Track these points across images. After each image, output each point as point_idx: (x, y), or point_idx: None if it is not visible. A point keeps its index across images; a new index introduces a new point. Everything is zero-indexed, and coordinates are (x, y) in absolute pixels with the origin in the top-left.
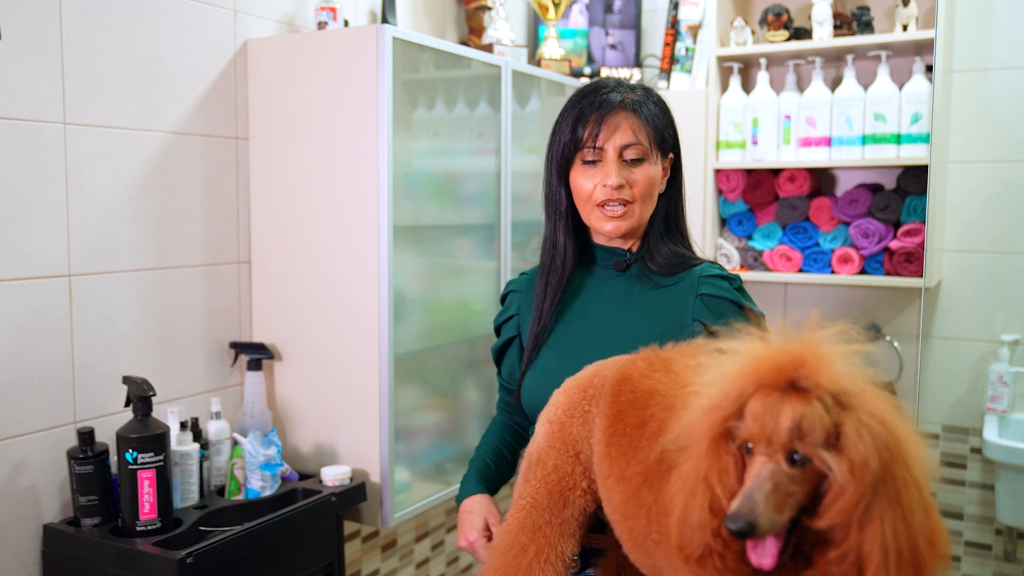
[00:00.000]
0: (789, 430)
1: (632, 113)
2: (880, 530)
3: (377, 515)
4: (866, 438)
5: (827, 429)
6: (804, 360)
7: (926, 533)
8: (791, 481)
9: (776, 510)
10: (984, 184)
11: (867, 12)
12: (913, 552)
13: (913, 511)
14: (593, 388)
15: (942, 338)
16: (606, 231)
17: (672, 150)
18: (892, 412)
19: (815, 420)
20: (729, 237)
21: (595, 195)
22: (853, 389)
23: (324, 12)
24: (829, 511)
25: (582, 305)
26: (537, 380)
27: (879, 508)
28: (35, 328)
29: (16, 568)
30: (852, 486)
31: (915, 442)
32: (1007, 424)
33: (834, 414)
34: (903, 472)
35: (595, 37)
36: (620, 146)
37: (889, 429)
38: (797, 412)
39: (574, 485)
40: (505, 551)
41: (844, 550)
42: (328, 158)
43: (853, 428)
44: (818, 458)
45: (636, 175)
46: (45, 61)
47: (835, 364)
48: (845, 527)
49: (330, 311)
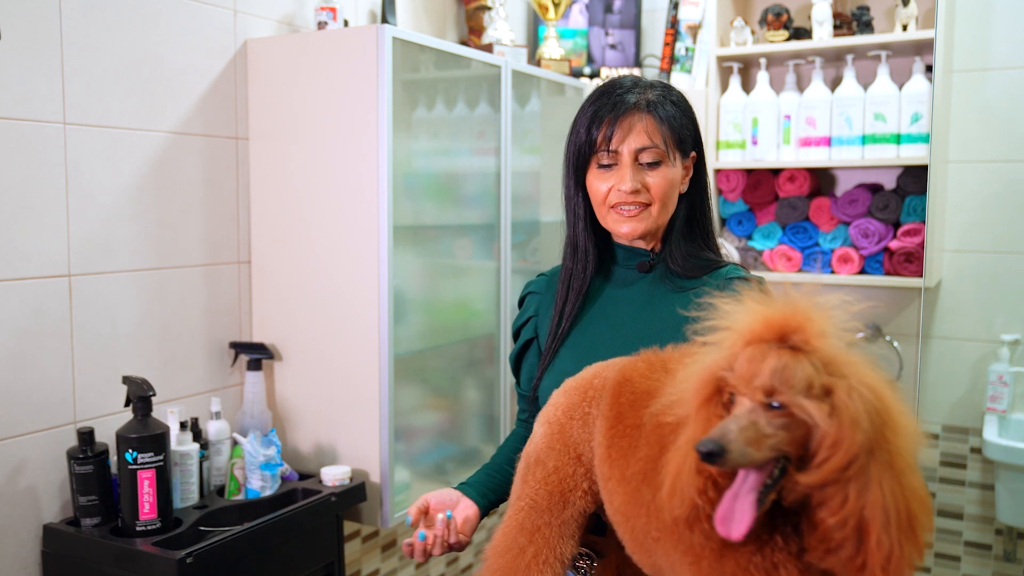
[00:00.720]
0: (770, 374)
1: (648, 114)
2: (880, 494)
3: (377, 515)
4: (857, 400)
5: (810, 382)
6: (799, 322)
7: (918, 494)
8: (768, 423)
9: (750, 444)
10: (984, 184)
11: (867, 12)
12: (909, 515)
13: (906, 475)
14: (593, 390)
15: (942, 338)
16: (622, 233)
17: (694, 148)
18: (881, 383)
19: (797, 370)
20: (729, 237)
21: (610, 198)
22: (844, 358)
23: (324, 12)
24: (820, 468)
25: (602, 307)
26: (555, 382)
27: (876, 472)
28: (35, 328)
29: (16, 568)
30: (844, 444)
31: (903, 413)
32: (1007, 424)
33: (823, 376)
34: (894, 439)
35: (595, 37)
36: (635, 149)
37: (879, 397)
38: (781, 361)
39: (575, 486)
40: (503, 552)
41: (844, 515)
42: (328, 158)
43: (844, 390)
44: (797, 406)
45: (653, 178)
46: (45, 61)
47: (829, 332)
48: (842, 492)
49: (330, 311)
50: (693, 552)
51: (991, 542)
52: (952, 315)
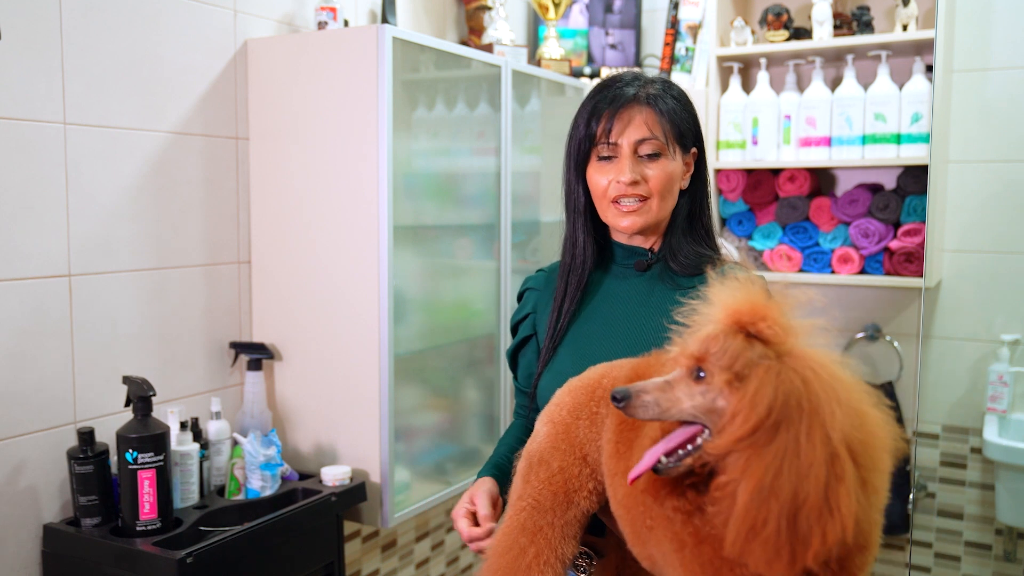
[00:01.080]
0: (699, 343)
1: (647, 107)
2: (762, 470)
3: (377, 515)
4: (770, 382)
5: (735, 358)
6: (758, 308)
7: (823, 499)
8: (687, 388)
9: (660, 401)
10: (984, 184)
11: (867, 12)
12: (795, 506)
13: (811, 470)
14: (602, 389)
15: (942, 338)
16: (622, 227)
17: (694, 145)
18: (827, 379)
19: (726, 346)
20: (729, 237)
21: (609, 191)
22: (795, 349)
23: (324, 12)
24: (719, 436)
25: (601, 305)
26: (553, 381)
27: (772, 451)
28: (35, 328)
29: (16, 568)
30: (740, 418)
31: (853, 418)
32: (1007, 424)
33: (753, 357)
34: (812, 429)
35: (595, 37)
36: (635, 141)
37: (809, 387)
38: (712, 333)
39: (580, 487)
40: (504, 552)
41: (727, 480)
42: (328, 158)
43: (763, 369)
44: (709, 374)
45: (652, 170)
46: (45, 61)
47: (790, 325)
48: (736, 461)
49: (330, 311)
50: (678, 540)
51: (991, 542)
52: (952, 315)
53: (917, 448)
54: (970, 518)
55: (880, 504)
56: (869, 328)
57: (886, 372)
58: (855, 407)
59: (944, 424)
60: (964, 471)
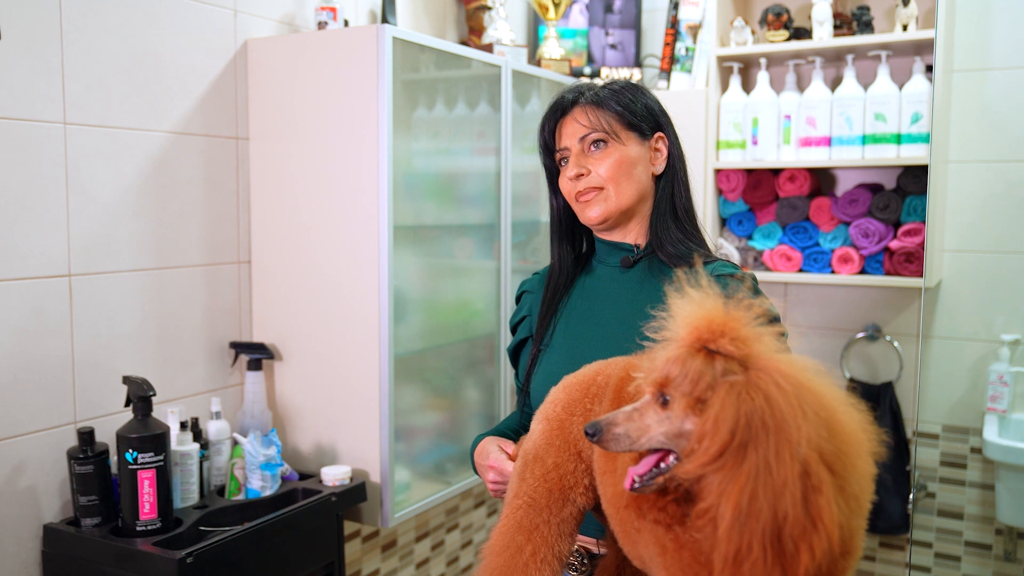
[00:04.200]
0: (661, 369)
1: (587, 105)
2: (738, 494)
3: (377, 515)
4: (732, 402)
5: (696, 381)
6: (717, 324)
7: (804, 514)
8: (654, 414)
9: (631, 432)
10: (984, 184)
11: (867, 12)
12: (776, 526)
13: (786, 488)
14: (596, 386)
15: (942, 338)
16: (589, 219)
17: (655, 129)
18: (791, 391)
19: (687, 369)
20: (729, 237)
21: (571, 192)
22: (760, 359)
23: (324, 12)
24: (688, 460)
25: (589, 304)
26: (543, 381)
27: (744, 473)
28: (35, 328)
29: (16, 568)
30: (706, 441)
31: (823, 427)
32: (1007, 424)
33: (714, 377)
34: (781, 447)
35: (595, 37)
36: (578, 139)
37: (772, 404)
38: (670, 359)
39: (575, 483)
40: (501, 551)
41: (707, 506)
42: (328, 158)
43: (725, 391)
44: (674, 399)
45: (596, 158)
46: (45, 61)
47: (750, 336)
48: (710, 485)
49: (330, 311)
50: (660, 544)
51: (991, 542)
52: (952, 315)
53: (917, 448)
54: (970, 518)
55: (861, 509)
56: (869, 328)
57: (886, 372)
58: (825, 415)
59: (944, 424)
60: (964, 471)
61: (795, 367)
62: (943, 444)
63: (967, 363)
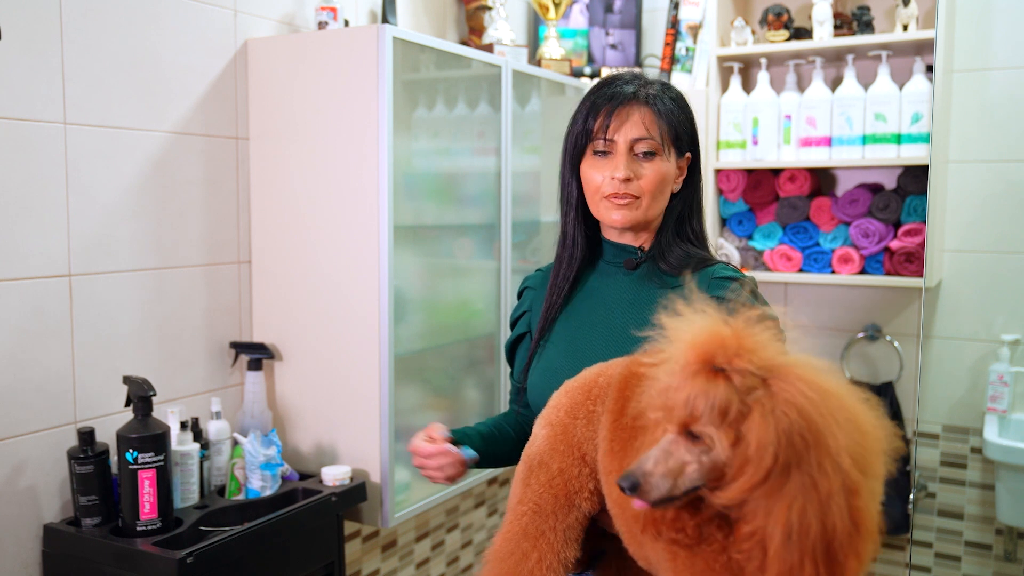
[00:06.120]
0: (683, 406)
1: (646, 106)
2: (786, 513)
3: (377, 515)
4: (771, 423)
5: (725, 408)
6: (723, 343)
7: (847, 516)
8: (688, 451)
9: (667, 475)
10: (984, 184)
11: (867, 12)
12: (826, 539)
13: (832, 499)
14: (598, 388)
15: (942, 338)
16: (613, 221)
17: (689, 149)
18: (819, 399)
19: (712, 401)
20: (729, 237)
21: (603, 187)
22: (783, 370)
23: (324, 12)
24: (728, 488)
25: (589, 302)
26: (542, 377)
27: (790, 492)
28: (35, 328)
29: (16, 568)
30: (750, 468)
31: (852, 429)
32: (1007, 424)
33: (740, 400)
34: (822, 460)
35: (595, 37)
36: (631, 139)
37: (807, 417)
38: (695, 390)
39: (580, 488)
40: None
41: (752, 529)
42: (328, 158)
43: (760, 413)
44: (707, 436)
45: (646, 169)
46: (45, 61)
47: (758, 345)
48: (755, 508)
49: (330, 311)
50: (670, 549)
51: (991, 542)
52: (952, 315)
53: (917, 448)
54: (970, 518)
55: (878, 495)
56: (869, 328)
57: (886, 372)
58: (850, 416)
59: (944, 424)
60: (964, 471)
61: (812, 370)
62: (943, 444)
63: (967, 363)
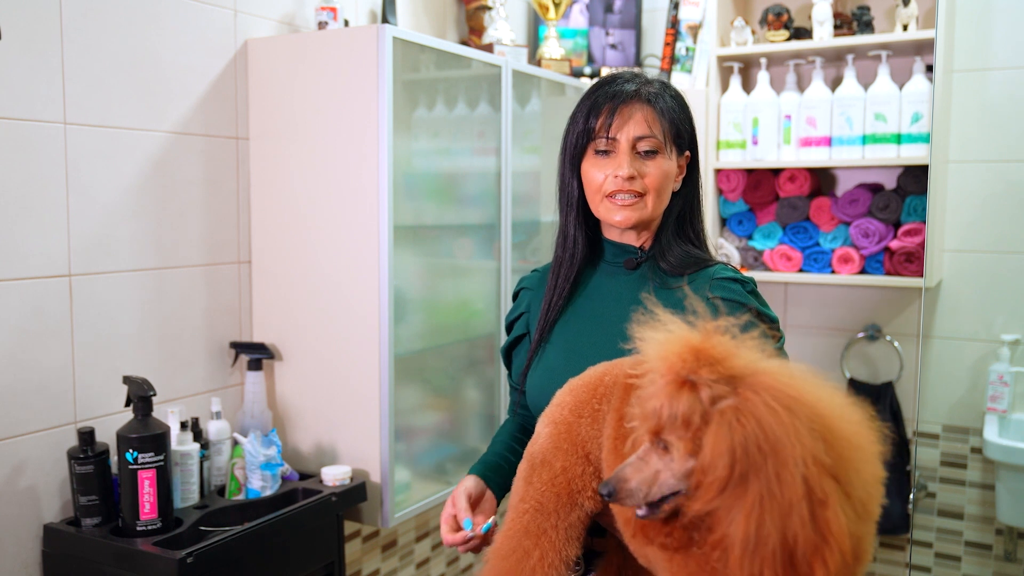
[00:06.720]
0: (651, 416)
1: (647, 104)
2: (744, 524)
3: (377, 515)
4: (725, 434)
5: (688, 418)
6: (694, 352)
7: (813, 532)
8: (658, 460)
9: (642, 484)
10: (984, 184)
11: (867, 12)
12: (787, 549)
13: (792, 509)
14: (604, 387)
15: (942, 338)
16: (616, 221)
17: (689, 148)
18: (783, 408)
19: (675, 411)
20: (729, 237)
21: (605, 186)
22: (749, 380)
23: (324, 12)
24: (695, 498)
25: (589, 302)
26: (541, 377)
27: (748, 504)
28: (35, 328)
29: (16, 568)
30: (708, 476)
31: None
32: (1007, 424)
33: (703, 410)
34: (780, 470)
35: (595, 37)
36: (633, 137)
37: (765, 427)
38: (659, 401)
39: (583, 487)
40: (507, 555)
41: (719, 537)
42: (328, 158)
43: (717, 423)
44: (672, 445)
45: (649, 167)
46: (45, 61)
47: (727, 355)
48: (721, 517)
49: (330, 311)
50: (667, 549)
51: (991, 542)
52: (952, 315)
53: (917, 448)
54: (970, 518)
55: (869, 514)
56: (869, 328)
57: (886, 372)
58: (821, 424)
59: (944, 424)
60: (964, 471)
61: (783, 378)
62: (943, 444)
63: (967, 363)
